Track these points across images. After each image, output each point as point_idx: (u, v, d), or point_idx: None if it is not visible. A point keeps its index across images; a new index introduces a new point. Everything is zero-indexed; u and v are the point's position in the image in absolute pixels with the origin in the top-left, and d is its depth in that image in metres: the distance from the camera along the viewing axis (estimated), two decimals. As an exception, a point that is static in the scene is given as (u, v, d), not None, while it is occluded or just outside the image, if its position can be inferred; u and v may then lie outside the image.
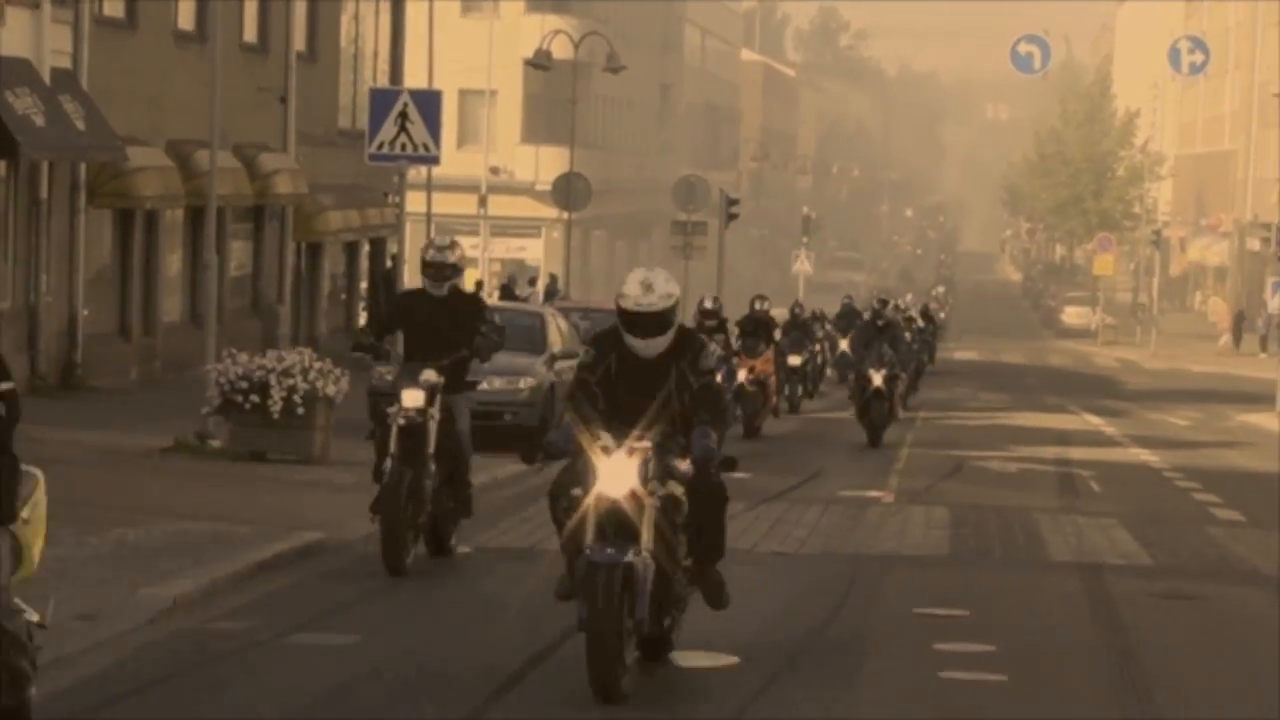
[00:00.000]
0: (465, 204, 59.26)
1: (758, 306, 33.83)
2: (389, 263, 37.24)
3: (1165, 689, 11.76)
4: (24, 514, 8.21)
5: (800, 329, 40.69)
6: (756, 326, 32.94)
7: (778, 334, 34.99)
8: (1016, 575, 16.59)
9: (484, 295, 46.41)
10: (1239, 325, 75.69)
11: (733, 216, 55.73)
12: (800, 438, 32.47)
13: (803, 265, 67.38)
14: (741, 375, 30.77)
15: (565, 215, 53.62)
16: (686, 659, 11.80)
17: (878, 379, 30.26)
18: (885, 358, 30.58)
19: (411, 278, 40.25)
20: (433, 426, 14.92)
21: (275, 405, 20.91)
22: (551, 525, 11.44)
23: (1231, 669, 12.76)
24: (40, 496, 8.37)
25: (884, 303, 34.67)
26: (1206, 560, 18.24)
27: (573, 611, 10.39)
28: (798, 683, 11.50)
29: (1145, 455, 31.25)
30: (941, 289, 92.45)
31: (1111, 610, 14.83)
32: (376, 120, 22.31)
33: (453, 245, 15.58)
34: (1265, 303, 63.78)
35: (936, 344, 58.66)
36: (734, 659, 11.96)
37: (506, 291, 46.73)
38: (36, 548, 8.32)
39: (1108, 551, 18.28)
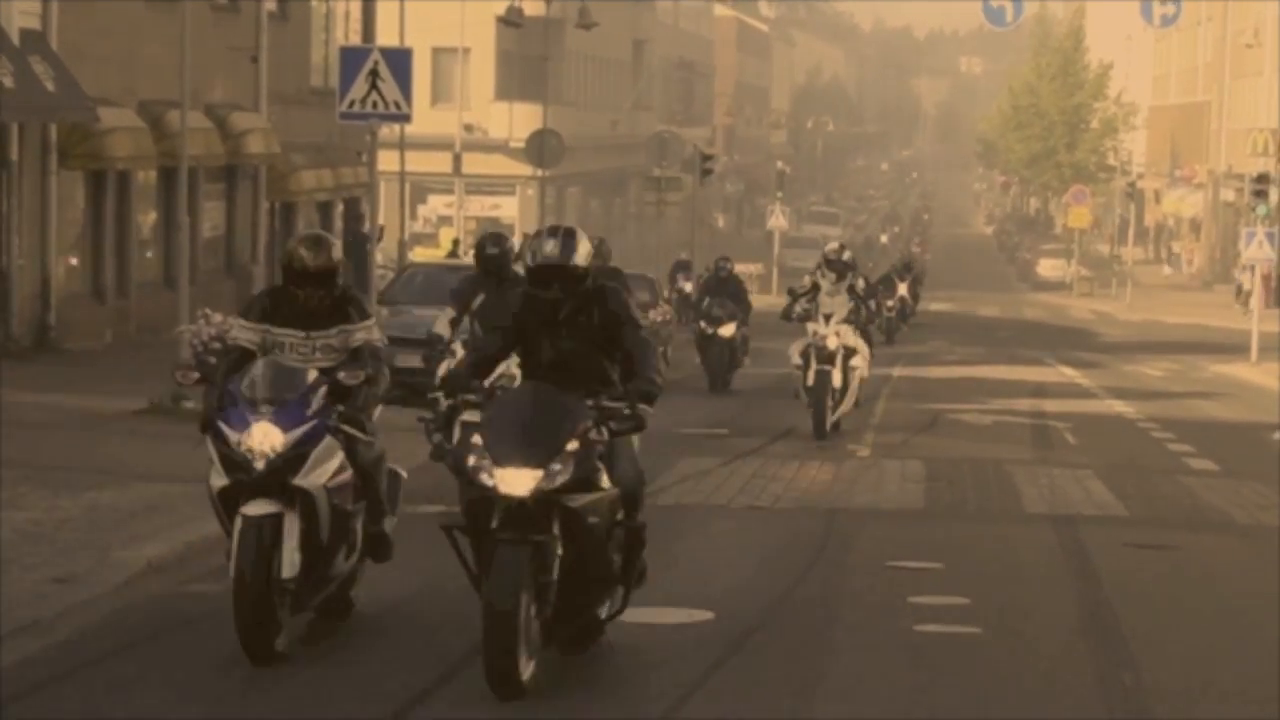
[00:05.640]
0: (439, 162, 59.08)
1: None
2: (365, 225, 37.19)
3: (1140, 639, 11.80)
4: None
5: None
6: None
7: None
8: (991, 528, 16.63)
9: (459, 254, 46.49)
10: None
11: (707, 172, 55.64)
12: (774, 393, 32.50)
13: (778, 220, 67.31)
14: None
15: (539, 173, 53.47)
16: (660, 615, 11.82)
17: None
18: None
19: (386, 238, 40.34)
20: None
21: (249, 366, 20.87)
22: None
23: (1205, 617, 12.80)
24: None
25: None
26: (1181, 510, 18.31)
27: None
28: (771, 638, 11.52)
29: (1120, 406, 31.32)
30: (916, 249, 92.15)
31: (1086, 561, 14.88)
32: (347, 79, 22.21)
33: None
34: (1239, 254, 63.91)
35: (919, 294, 58.63)
36: (708, 614, 11.97)
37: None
38: None
39: (1082, 502, 18.34)
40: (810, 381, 23.37)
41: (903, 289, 51.44)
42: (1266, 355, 42.85)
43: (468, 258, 42.74)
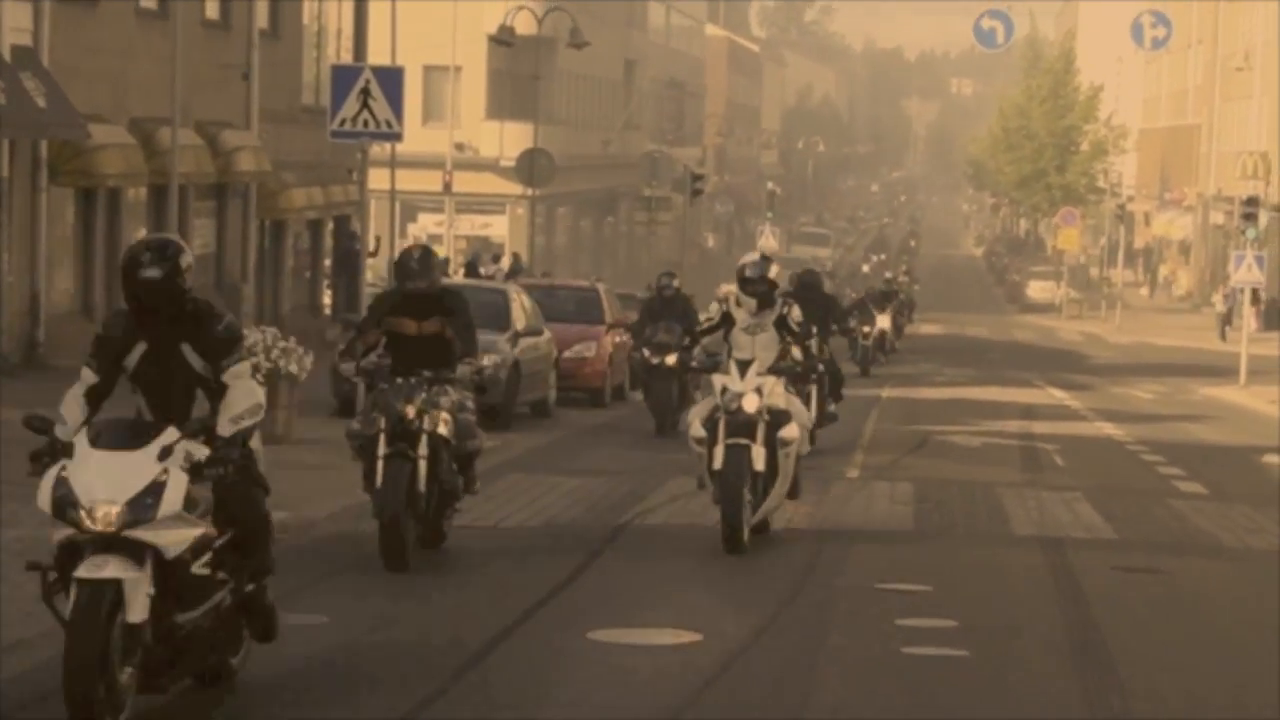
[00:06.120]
0: (430, 181, 59.06)
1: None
2: (358, 244, 37.25)
3: (1128, 662, 11.80)
4: None
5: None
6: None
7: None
8: (980, 550, 16.63)
9: (449, 273, 46.54)
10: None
11: (697, 192, 55.77)
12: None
13: (768, 241, 67.36)
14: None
15: (530, 192, 53.54)
16: (647, 636, 11.81)
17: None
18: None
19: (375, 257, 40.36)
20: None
21: (238, 384, 20.81)
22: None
23: (1194, 642, 12.81)
24: None
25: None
26: (1169, 533, 18.32)
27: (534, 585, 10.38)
28: (759, 660, 11.51)
29: (1109, 429, 31.35)
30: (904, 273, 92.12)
31: (1074, 584, 14.87)
32: (338, 97, 22.27)
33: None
34: (1228, 276, 63.96)
35: (903, 326, 58.18)
36: (696, 635, 11.96)
37: (470, 269, 46.71)
38: None
39: (1071, 525, 18.33)
40: (718, 464, 15.69)
41: (884, 320, 48.88)
42: (1255, 378, 42.92)
43: (458, 276, 42.87)
